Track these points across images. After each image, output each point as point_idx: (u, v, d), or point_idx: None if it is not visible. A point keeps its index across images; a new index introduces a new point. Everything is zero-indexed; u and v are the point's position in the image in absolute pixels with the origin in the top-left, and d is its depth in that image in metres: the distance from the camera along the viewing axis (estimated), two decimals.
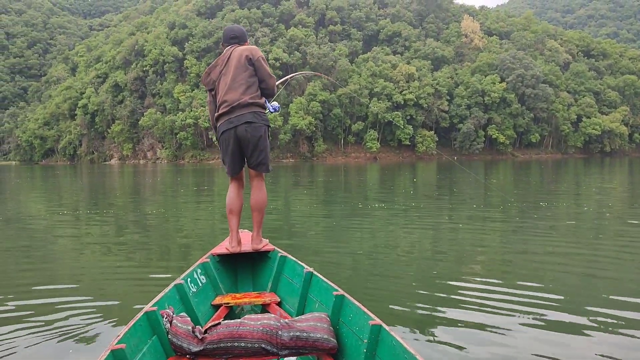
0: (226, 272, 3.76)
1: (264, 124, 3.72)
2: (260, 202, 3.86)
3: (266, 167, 3.81)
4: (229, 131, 3.67)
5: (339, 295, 2.73)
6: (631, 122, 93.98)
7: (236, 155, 3.76)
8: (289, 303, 3.32)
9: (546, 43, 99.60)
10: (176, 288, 2.97)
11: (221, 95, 3.71)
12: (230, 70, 3.71)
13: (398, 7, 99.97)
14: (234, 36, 3.90)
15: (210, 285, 3.46)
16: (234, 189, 3.89)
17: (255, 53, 3.76)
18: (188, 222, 9.68)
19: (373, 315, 2.41)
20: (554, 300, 4.18)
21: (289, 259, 3.58)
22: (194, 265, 3.41)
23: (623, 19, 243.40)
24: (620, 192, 16.19)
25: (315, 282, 3.12)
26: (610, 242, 6.95)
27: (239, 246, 3.78)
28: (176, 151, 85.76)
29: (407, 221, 9.30)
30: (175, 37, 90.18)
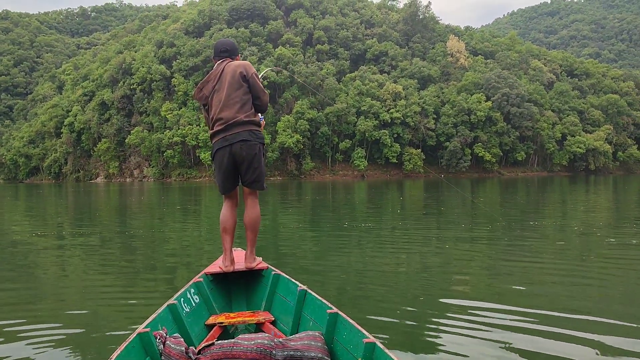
0: (220, 291, 3.72)
1: (259, 142, 3.72)
2: (254, 220, 3.84)
3: (261, 185, 3.80)
4: (224, 149, 3.66)
5: (333, 313, 2.71)
6: (615, 141, 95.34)
7: (231, 173, 3.74)
8: (283, 322, 3.30)
9: (530, 63, 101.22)
10: (169, 308, 2.95)
11: (215, 113, 3.69)
12: (224, 86, 3.69)
13: (385, 27, 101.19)
14: (224, 50, 3.88)
15: (204, 304, 3.43)
16: (227, 207, 3.87)
17: (249, 69, 3.76)
18: (175, 242, 9.56)
19: (367, 333, 2.40)
20: (540, 319, 4.19)
21: (282, 277, 3.56)
22: (187, 285, 3.39)
23: (604, 40, 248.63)
24: (606, 210, 16.33)
25: (309, 300, 3.11)
26: (597, 262, 6.95)
27: (233, 265, 3.75)
28: (163, 169, 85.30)
29: (395, 240, 9.27)
30: (163, 56, 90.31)
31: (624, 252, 7.68)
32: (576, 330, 3.88)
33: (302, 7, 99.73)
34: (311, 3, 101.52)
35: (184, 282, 5.66)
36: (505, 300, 4.77)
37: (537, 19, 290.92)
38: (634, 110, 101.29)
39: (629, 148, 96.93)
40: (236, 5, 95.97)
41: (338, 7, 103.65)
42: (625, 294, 5.19)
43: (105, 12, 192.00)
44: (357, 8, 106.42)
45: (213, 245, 8.96)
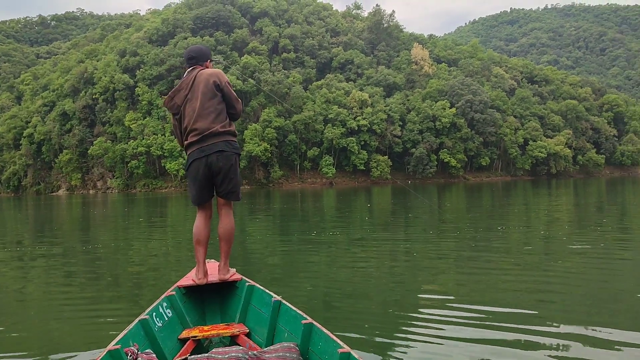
0: (193, 304, 3.66)
1: (235, 152, 3.71)
2: (229, 232, 3.80)
3: (236, 196, 3.78)
4: (200, 160, 3.62)
5: (308, 323, 2.71)
6: (574, 145, 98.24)
7: (206, 184, 3.70)
8: (258, 333, 3.27)
9: (492, 70, 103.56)
10: (141, 323, 2.89)
11: (189, 123, 3.64)
12: (197, 95, 3.64)
13: (350, 35, 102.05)
14: (191, 57, 3.83)
15: (177, 318, 3.36)
16: (201, 219, 3.81)
17: (222, 78, 3.73)
18: (140, 255, 9.31)
19: (342, 343, 2.40)
20: (506, 321, 4.30)
21: (257, 288, 3.53)
22: (160, 299, 3.32)
23: (562, 47, 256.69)
24: (567, 214, 16.72)
25: (283, 311, 3.10)
26: (561, 266, 7.04)
27: (206, 277, 3.69)
28: (127, 180, 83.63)
29: (364, 248, 9.24)
30: (126, 65, 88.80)
31: (585, 256, 7.83)
32: (543, 335, 3.96)
33: (268, 16, 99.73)
34: (276, 12, 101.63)
35: (150, 296, 5.54)
36: (473, 307, 4.82)
37: (497, 27, 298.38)
38: (591, 116, 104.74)
39: (587, 152, 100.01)
40: (201, 13, 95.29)
41: (303, 15, 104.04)
42: (587, 296, 5.28)
43: (66, 20, 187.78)
44: (322, 17, 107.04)
45: (180, 257, 8.76)
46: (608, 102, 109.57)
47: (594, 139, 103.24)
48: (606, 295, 5.33)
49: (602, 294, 5.40)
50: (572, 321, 4.33)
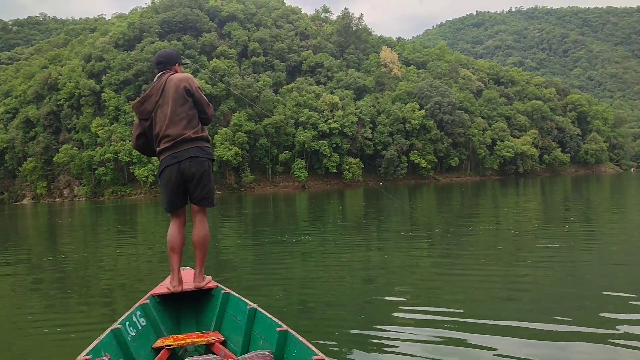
0: (168, 312, 3.60)
1: (209, 158, 3.68)
2: (203, 238, 3.75)
3: (210, 202, 3.74)
4: (173, 166, 3.58)
5: (283, 330, 2.70)
6: (540, 144, 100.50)
7: (179, 191, 3.65)
8: (234, 341, 3.23)
9: (460, 72, 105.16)
10: (113, 333, 2.84)
11: (161, 129, 3.60)
12: (168, 101, 3.61)
13: (319, 38, 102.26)
14: (159, 62, 3.84)
15: (151, 327, 3.30)
16: (175, 226, 3.76)
17: (193, 83, 3.70)
18: (109, 264, 9.08)
19: (316, 350, 2.39)
20: (477, 319, 4.41)
21: (232, 295, 3.50)
22: (133, 308, 3.26)
23: (527, 49, 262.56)
24: (535, 212, 17.04)
25: (259, 319, 3.08)
26: (529, 265, 7.18)
27: (181, 285, 3.64)
28: (95, 188, 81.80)
29: (337, 251, 9.21)
30: (91, 70, 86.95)
31: (554, 253, 7.97)
32: (512, 333, 4.05)
33: (236, 19, 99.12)
34: (245, 15, 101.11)
35: (121, 306, 5.46)
36: (445, 306, 4.91)
37: (464, 30, 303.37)
38: (556, 115, 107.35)
39: (553, 151, 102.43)
40: (168, 17, 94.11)
41: (272, 19, 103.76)
42: (555, 293, 5.39)
43: (28, 25, 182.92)
44: (291, 20, 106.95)
45: (151, 266, 8.59)
46: (572, 102, 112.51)
47: (559, 138, 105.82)
48: (573, 293, 5.40)
49: (568, 291, 5.47)
50: (540, 320, 4.38)
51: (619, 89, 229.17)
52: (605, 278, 6.10)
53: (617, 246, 8.60)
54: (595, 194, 26.96)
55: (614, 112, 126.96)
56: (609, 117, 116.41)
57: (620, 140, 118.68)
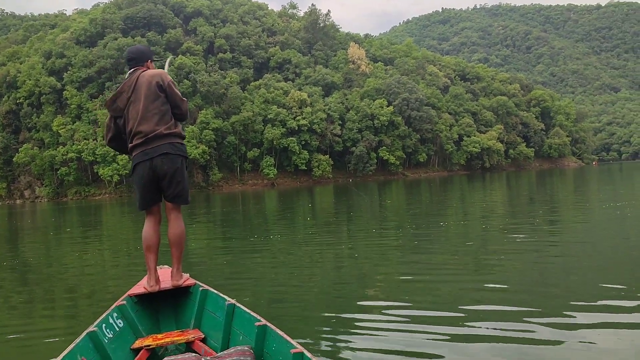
0: (146, 312, 3.57)
1: (182, 154, 3.64)
2: (179, 236, 3.73)
3: (185, 199, 3.71)
4: (144, 163, 3.54)
5: (262, 325, 2.72)
6: (506, 139, 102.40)
7: (151, 188, 3.61)
8: (214, 338, 3.23)
9: (426, 68, 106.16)
10: (89, 336, 2.79)
11: (133, 126, 3.57)
12: (140, 98, 3.57)
13: (287, 35, 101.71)
14: (131, 58, 3.78)
15: (129, 328, 3.27)
16: (150, 224, 3.72)
17: (165, 78, 3.67)
18: (74, 268, 8.63)
19: (295, 343, 2.42)
20: (448, 312, 4.51)
21: (210, 292, 3.48)
22: (109, 310, 3.22)
23: (491, 46, 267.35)
24: (501, 206, 17.17)
25: (238, 314, 3.08)
26: (498, 257, 7.23)
27: (158, 284, 3.60)
28: (57, 188, 79.52)
29: (307, 250, 8.99)
30: (52, 67, 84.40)
31: (520, 245, 7.96)
32: (484, 328, 4.08)
33: (202, 15, 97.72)
34: (211, 11, 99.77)
35: (86, 312, 5.34)
36: (418, 301, 5.00)
37: (430, 26, 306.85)
38: (520, 111, 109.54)
39: (518, 146, 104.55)
40: (131, 13, 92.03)
41: (239, 15, 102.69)
42: (523, 285, 5.46)
43: None
44: (258, 16, 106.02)
45: (118, 269, 8.20)
46: (535, 98, 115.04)
47: (524, 133, 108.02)
48: (540, 283, 5.49)
49: (536, 282, 5.58)
50: (509, 315, 4.43)
51: (580, 84, 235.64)
52: (570, 267, 6.25)
53: (580, 236, 8.65)
54: (559, 187, 27.46)
55: (575, 107, 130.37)
56: (571, 112, 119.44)
57: (582, 135, 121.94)
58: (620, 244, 7.94)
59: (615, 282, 5.15)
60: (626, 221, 10.35)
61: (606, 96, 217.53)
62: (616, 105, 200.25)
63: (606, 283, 5.18)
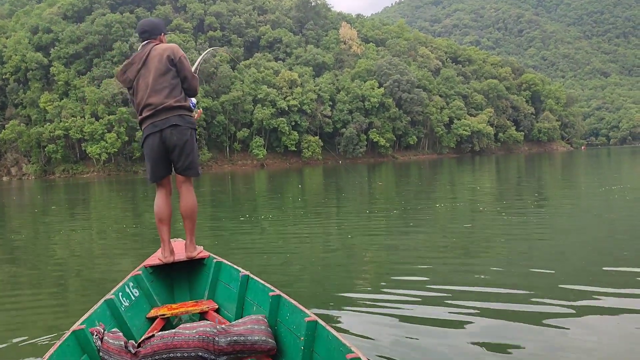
0: (161, 283, 3.64)
1: (191, 127, 3.65)
2: (191, 208, 3.76)
3: (195, 172, 3.73)
4: (154, 135, 3.57)
5: (275, 295, 2.76)
6: (496, 123, 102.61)
7: (162, 160, 3.64)
8: (227, 309, 3.30)
9: (418, 50, 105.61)
10: (106, 303, 2.88)
11: (143, 98, 3.59)
12: (150, 70, 3.60)
13: (278, 13, 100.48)
14: (144, 30, 3.77)
15: (145, 298, 3.35)
16: (161, 197, 3.75)
17: (177, 52, 3.69)
18: (61, 248, 8.56)
19: (309, 312, 2.46)
20: (436, 292, 4.58)
21: (224, 264, 3.55)
22: (125, 279, 3.30)
23: (483, 29, 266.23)
24: (490, 189, 17.26)
25: (251, 285, 3.13)
26: (484, 235, 7.46)
27: (173, 256, 3.67)
28: (45, 166, 78.65)
29: (296, 232, 8.98)
30: (39, 43, 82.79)
31: (508, 227, 8.01)
32: (470, 308, 4.13)
33: None
34: None
35: (74, 294, 5.33)
36: (406, 277, 5.15)
37: (422, 8, 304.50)
38: (511, 94, 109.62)
39: (508, 129, 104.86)
40: None
41: None
42: (512, 263, 5.56)
43: None
44: None
45: (105, 250, 8.13)
46: (526, 82, 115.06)
47: (514, 117, 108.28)
48: (526, 264, 5.56)
49: (522, 262, 5.70)
50: (496, 282, 4.70)
51: (571, 68, 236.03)
52: (557, 248, 6.36)
53: (567, 219, 8.73)
54: (547, 170, 27.63)
55: (565, 91, 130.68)
56: (561, 96, 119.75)
57: (571, 119, 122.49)
58: (609, 227, 8.00)
59: (605, 265, 5.24)
60: (622, 204, 10.44)
61: (596, 81, 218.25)
62: (606, 90, 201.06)
63: (596, 264, 5.28)
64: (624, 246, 6.32)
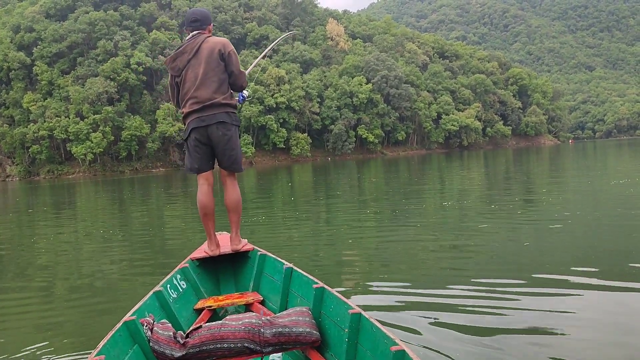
0: (207, 275, 3.76)
1: (235, 124, 3.77)
2: (236, 202, 3.86)
3: (239, 167, 3.86)
4: (201, 129, 3.65)
5: (319, 287, 2.79)
6: (483, 118, 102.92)
7: (206, 155, 3.74)
8: (272, 300, 3.37)
9: (405, 45, 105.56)
10: (155, 295, 2.97)
11: (190, 90, 3.65)
12: (200, 63, 3.64)
13: (264, 10, 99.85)
14: (195, 19, 3.78)
15: (192, 289, 3.46)
16: (204, 190, 3.80)
17: (227, 47, 3.74)
18: (46, 251, 8.14)
19: (353, 304, 2.47)
20: (423, 289, 4.68)
21: (268, 256, 3.61)
22: (173, 271, 3.39)
23: (469, 24, 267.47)
24: (479, 184, 17.06)
25: (295, 277, 3.18)
26: (472, 231, 7.41)
27: (218, 249, 3.76)
28: (29, 167, 77.47)
29: (288, 232, 8.66)
30: (21, 42, 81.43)
31: (496, 222, 7.82)
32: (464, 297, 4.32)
33: None
34: None
35: (61, 298, 5.20)
36: (394, 273, 5.27)
37: (408, 4, 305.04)
38: (498, 89, 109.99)
39: (495, 124, 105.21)
40: None
41: None
42: (497, 257, 5.38)
43: None
44: None
45: (94, 253, 7.73)
46: (513, 76, 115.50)
47: (501, 112, 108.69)
48: (513, 260, 5.66)
49: (507, 255, 5.85)
50: (485, 274, 4.78)
51: (556, 63, 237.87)
52: (544, 245, 6.36)
53: (555, 214, 8.53)
54: (535, 165, 27.57)
55: (552, 85, 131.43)
56: (548, 90, 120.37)
57: (558, 113, 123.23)
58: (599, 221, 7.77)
59: (586, 261, 5.24)
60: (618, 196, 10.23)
61: (581, 75, 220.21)
62: (591, 84, 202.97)
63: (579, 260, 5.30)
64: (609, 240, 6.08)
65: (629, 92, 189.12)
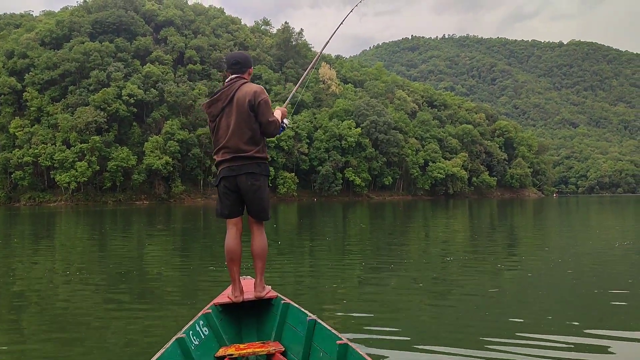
0: (229, 322, 3.72)
1: (265, 174, 3.82)
2: (262, 249, 3.88)
3: (266, 215, 3.89)
4: (231, 178, 3.74)
5: (343, 344, 2.74)
6: (469, 167, 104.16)
7: (235, 202, 3.81)
8: (294, 352, 3.30)
9: (395, 92, 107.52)
10: (177, 342, 2.94)
11: (222, 138, 3.73)
12: (233, 111, 3.70)
13: (258, 50, 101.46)
14: (236, 62, 3.87)
15: (214, 336, 3.43)
16: (232, 236, 3.84)
17: (257, 97, 3.71)
18: (21, 281, 7.73)
19: None
20: (405, 334, 4.64)
21: (292, 306, 3.58)
22: (196, 317, 3.39)
23: (458, 75, 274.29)
24: (464, 234, 16.94)
25: (319, 330, 3.13)
26: (458, 282, 6.87)
27: (242, 295, 3.75)
28: (10, 192, 76.14)
29: (271, 271, 8.38)
30: (13, 67, 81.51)
31: (480, 273, 7.61)
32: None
33: (173, 25, 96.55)
34: (182, 22, 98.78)
35: (37, 332, 4.99)
36: (378, 324, 4.88)
37: (399, 52, 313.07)
38: (485, 140, 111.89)
39: (481, 174, 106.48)
40: (100, 18, 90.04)
41: (211, 27, 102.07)
42: (479, 311, 5.03)
43: None
44: (230, 30, 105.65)
45: (70, 285, 7.35)
46: (499, 128, 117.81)
47: (487, 162, 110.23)
48: (494, 313, 5.56)
49: (491, 307, 5.75)
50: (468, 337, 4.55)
51: (541, 118, 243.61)
52: (526, 298, 6.28)
53: (538, 266, 8.34)
54: (519, 218, 27.61)
55: (537, 139, 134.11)
56: (533, 144, 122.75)
57: (542, 167, 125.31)
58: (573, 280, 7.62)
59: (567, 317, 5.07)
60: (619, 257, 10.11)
61: (565, 130, 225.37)
62: (574, 140, 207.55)
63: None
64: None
65: (612, 150, 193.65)
